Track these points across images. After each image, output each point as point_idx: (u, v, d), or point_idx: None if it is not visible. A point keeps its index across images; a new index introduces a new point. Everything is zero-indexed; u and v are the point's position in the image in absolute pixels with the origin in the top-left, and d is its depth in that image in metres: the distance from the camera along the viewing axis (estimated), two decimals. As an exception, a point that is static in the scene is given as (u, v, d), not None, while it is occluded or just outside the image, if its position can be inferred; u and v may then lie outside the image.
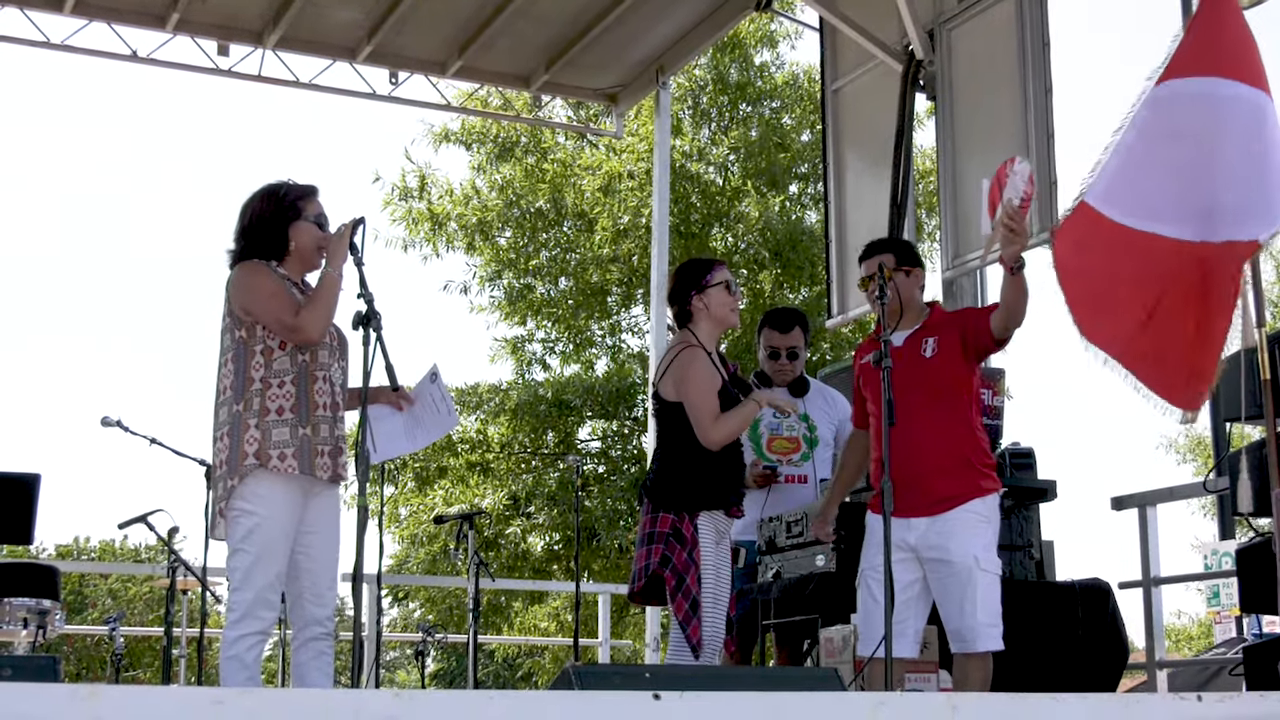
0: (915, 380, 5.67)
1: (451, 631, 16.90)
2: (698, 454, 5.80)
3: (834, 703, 3.80)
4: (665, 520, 5.74)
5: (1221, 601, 15.46)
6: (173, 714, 2.94)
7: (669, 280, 6.23)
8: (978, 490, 5.68)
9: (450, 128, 21.01)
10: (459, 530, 8.68)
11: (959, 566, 5.58)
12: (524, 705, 3.34)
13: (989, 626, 5.56)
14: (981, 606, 5.55)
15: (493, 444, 20.77)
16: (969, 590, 5.56)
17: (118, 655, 8.89)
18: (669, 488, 5.81)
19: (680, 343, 5.95)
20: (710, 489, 5.81)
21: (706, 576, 5.74)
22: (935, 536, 5.61)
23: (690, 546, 5.70)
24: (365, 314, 5.01)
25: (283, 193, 5.40)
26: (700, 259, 6.28)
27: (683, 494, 5.78)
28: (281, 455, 5.13)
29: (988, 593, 5.58)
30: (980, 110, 9.30)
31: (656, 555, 5.70)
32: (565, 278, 21.33)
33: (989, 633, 5.56)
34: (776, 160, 21.02)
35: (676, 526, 5.72)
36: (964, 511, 5.63)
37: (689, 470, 5.80)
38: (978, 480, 5.70)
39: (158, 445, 8.25)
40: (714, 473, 5.82)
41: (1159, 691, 7.53)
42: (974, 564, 5.56)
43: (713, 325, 5.98)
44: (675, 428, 5.88)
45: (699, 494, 5.79)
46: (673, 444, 5.89)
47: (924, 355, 5.79)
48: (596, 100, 12.93)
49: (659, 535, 5.73)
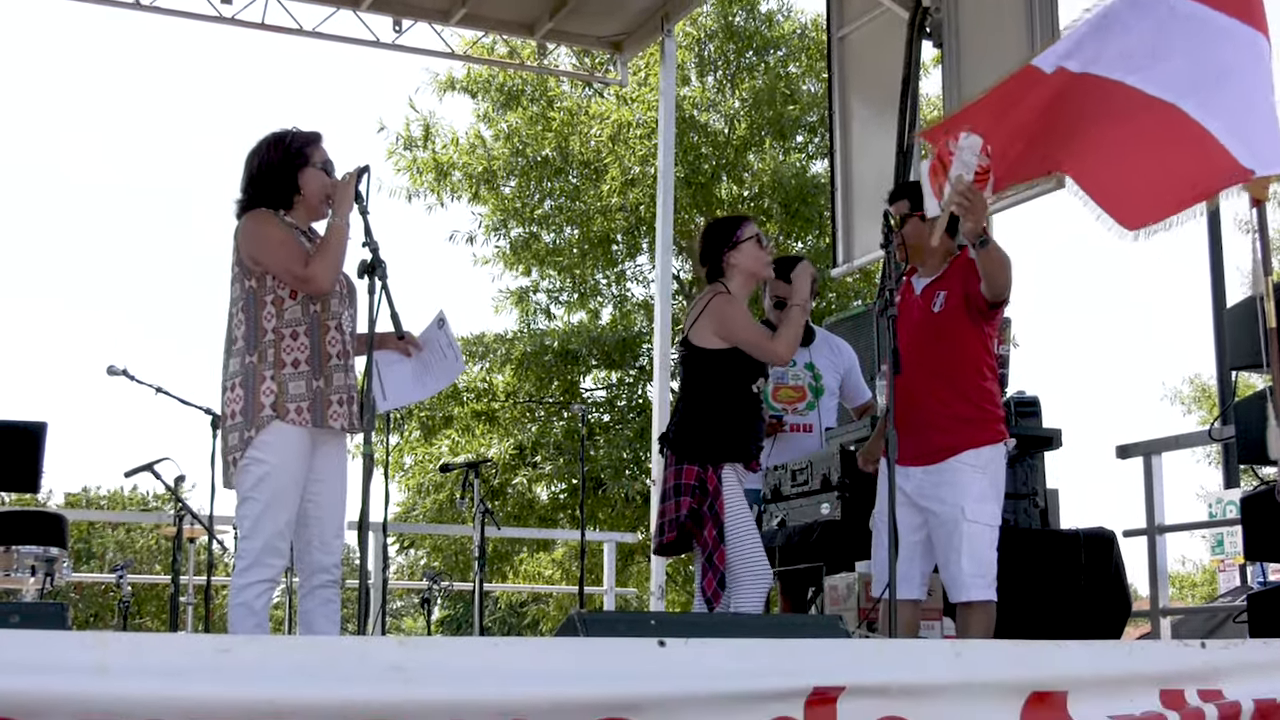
0: (925, 331, 5.67)
1: (457, 579, 16.99)
2: (721, 405, 5.81)
3: (838, 649, 3.82)
4: (690, 472, 5.74)
5: (1226, 550, 15.52)
6: (180, 661, 2.95)
7: (698, 243, 6.20)
8: (972, 441, 5.68)
9: (455, 75, 20.92)
10: (465, 479, 8.70)
11: (946, 517, 5.61)
12: (530, 651, 3.35)
13: (975, 577, 5.57)
14: (967, 557, 5.56)
15: (498, 393, 20.79)
16: (954, 540, 5.59)
17: (125, 603, 8.94)
18: (692, 439, 5.80)
19: (710, 292, 5.94)
20: (733, 441, 5.81)
21: (746, 523, 5.76)
22: (929, 487, 5.65)
23: (713, 498, 5.70)
24: (370, 263, 5.01)
25: (289, 140, 5.38)
26: (727, 217, 6.29)
27: (707, 445, 5.77)
28: (299, 409, 5.14)
29: (975, 544, 5.58)
30: (987, 57, 9.24)
31: (685, 508, 5.71)
32: (570, 227, 21.27)
33: (975, 583, 5.57)
34: (784, 112, 20.94)
35: (701, 478, 5.72)
36: (957, 462, 5.65)
37: (712, 421, 5.80)
38: (974, 432, 5.70)
39: (163, 394, 8.26)
40: (737, 424, 5.83)
41: (1163, 639, 7.56)
42: (960, 515, 5.57)
43: (745, 279, 5.99)
44: (702, 376, 5.87)
45: (722, 445, 5.78)
46: (697, 394, 5.88)
47: (934, 310, 5.78)
48: (601, 48, 12.85)
49: (685, 487, 5.73)
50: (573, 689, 3.27)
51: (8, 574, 7.89)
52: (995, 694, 3.88)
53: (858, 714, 3.61)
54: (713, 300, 5.89)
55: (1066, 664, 4.04)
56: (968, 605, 5.60)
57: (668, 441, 5.92)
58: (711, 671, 3.45)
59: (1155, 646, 5.46)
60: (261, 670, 2.99)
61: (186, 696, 2.91)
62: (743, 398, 5.85)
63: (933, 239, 5.68)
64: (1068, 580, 6.87)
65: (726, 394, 5.82)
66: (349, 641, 3.37)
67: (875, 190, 9.81)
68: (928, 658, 3.91)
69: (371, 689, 3.06)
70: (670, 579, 19.47)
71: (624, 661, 3.39)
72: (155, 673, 2.90)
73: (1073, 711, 3.97)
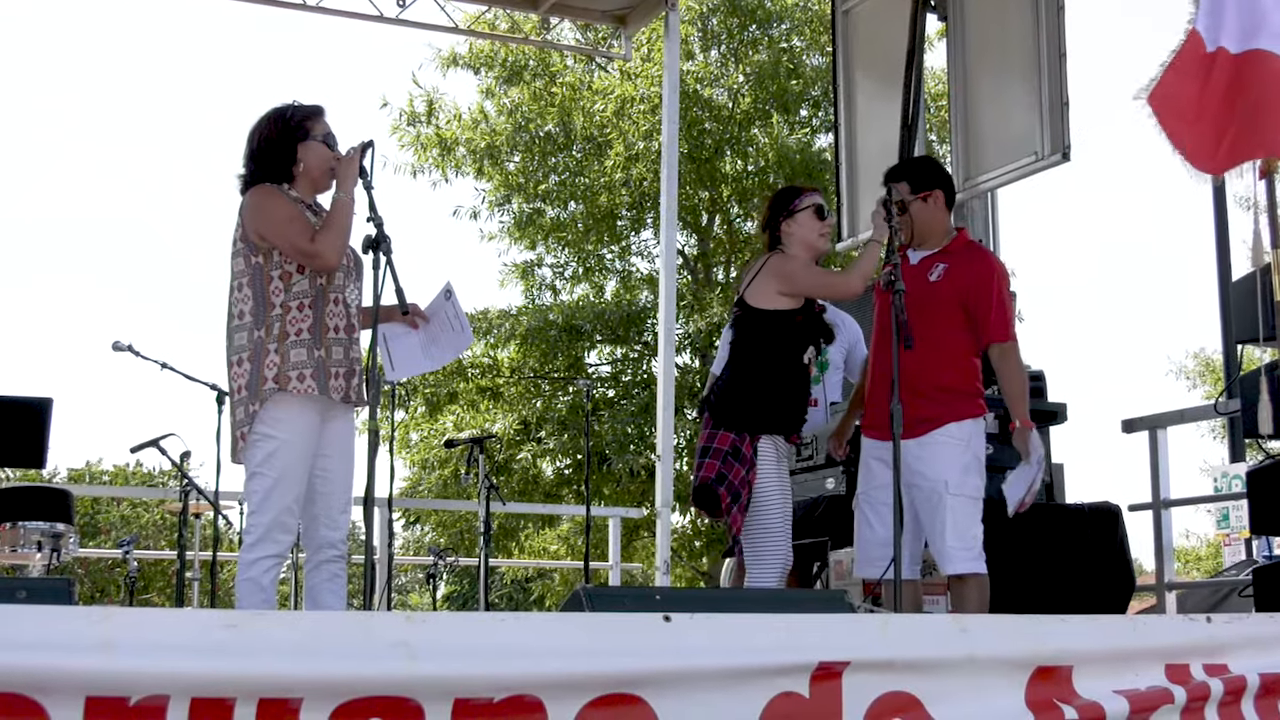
0: (917, 300, 5.65)
1: (462, 555, 17.02)
2: (766, 373, 5.74)
3: (843, 624, 3.82)
4: (725, 438, 5.69)
5: (1231, 524, 15.51)
6: (187, 636, 2.96)
7: (763, 210, 6.16)
8: (955, 413, 5.68)
9: (458, 51, 20.88)
10: (470, 454, 8.71)
11: (929, 490, 5.62)
12: (536, 627, 3.36)
13: (959, 550, 5.57)
14: (951, 530, 5.56)
15: (503, 369, 20.80)
16: (939, 513, 5.59)
17: (131, 578, 8.95)
18: (732, 406, 5.75)
19: (767, 255, 5.90)
20: (773, 411, 5.75)
21: (776, 499, 5.71)
22: (913, 460, 5.61)
23: (748, 466, 5.66)
24: (375, 238, 5.01)
25: (289, 114, 5.37)
26: (789, 187, 6.21)
27: (746, 414, 5.72)
28: (300, 376, 5.14)
29: (958, 516, 5.58)
30: (992, 30, 9.19)
31: (711, 471, 5.67)
32: (575, 202, 21.26)
33: (959, 556, 5.57)
34: (788, 87, 20.88)
35: (736, 445, 5.68)
36: (940, 434, 5.65)
37: (755, 389, 5.74)
38: (957, 404, 5.70)
39: (169, 370, 8.27)
40: (781, 394, 5.76)
41: (1168, 613, 7.57)
42: (944, 488, 5.58)
43: (802, 250, 5.89)
44: (754, 338, 5.79)
45: (762, 416, 5.73)
46: (746, 359, 5.81)
47: (929, 279, 5.77)
48: (605, 22, 12.78)
49: (715, 451, 5.69)
50: (578, 664, 3.28)
51: (14, 550, 7.91)
52: (1000, 668, 3.89)
53: (862, 689, 3.62)
54: (770, 259, 5.84)
55: (1071, 638, 4.05)
56: (959, 579, 5.62)
57: (709, 405, 5.86)
58: (716, 646, 3.46)
59: (1160, 621, 5.48)
60: (268, 646, 3.00)
61: (193, 671, 2.92)
62: (791, 366, 5.78)
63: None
64: (1073, 555, 6.87)
65: (776, 360, 5.75)
66: (355, 617, 3.38)
67: (880, 165, 9.74)
68: (932, 633, 3.91)
69: (378, 664, 3.07)
70: (676, 554, 19.52)
71: (629, 637, 3.40)
72: (161, 648, 2.91)
73: (1078, 686, 3.98)
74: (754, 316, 5.81)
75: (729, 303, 20.01)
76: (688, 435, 19.62)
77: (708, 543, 20.55)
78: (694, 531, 20.75)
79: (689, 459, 19.97)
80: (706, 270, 22.07)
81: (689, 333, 20.29)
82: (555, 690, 3.23)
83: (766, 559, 5.68)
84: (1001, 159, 8.62)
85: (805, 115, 21.66)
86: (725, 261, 22.09)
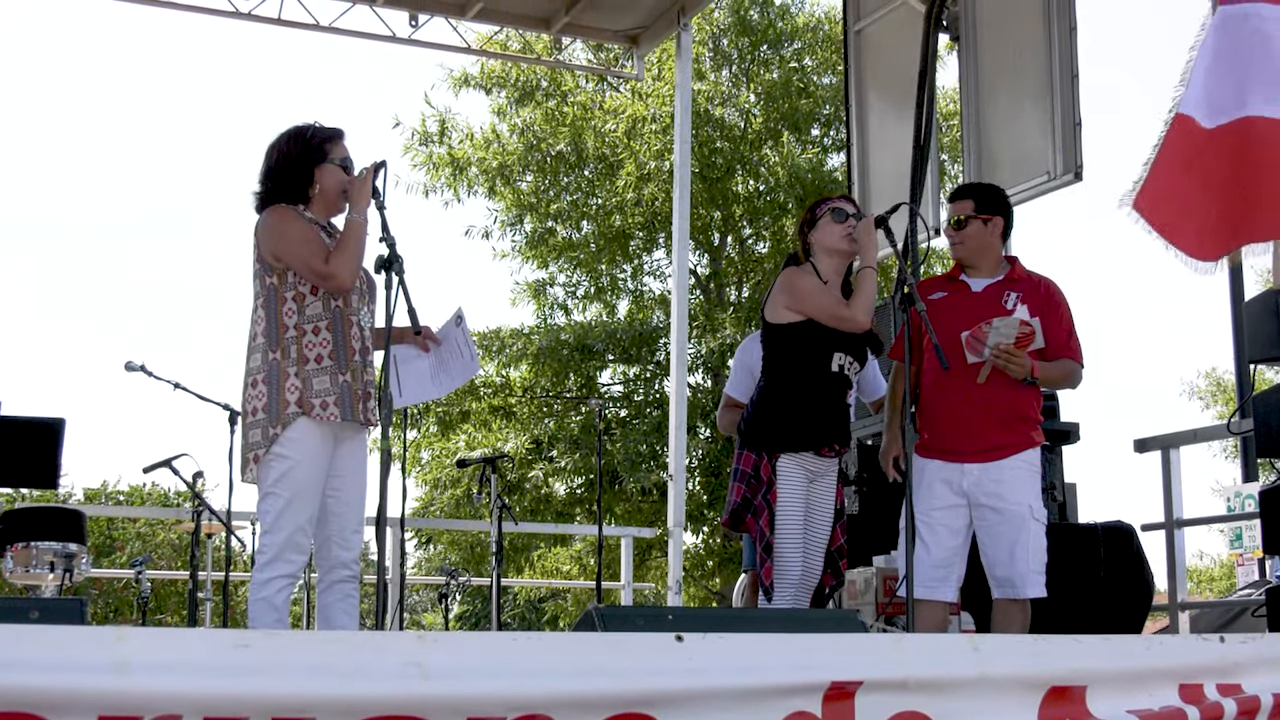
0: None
1: (475, 575, 17.00)
2: (791, 390, 5.70)
3: (856, 644, 3.81)
4: (747, 459, 5.70)
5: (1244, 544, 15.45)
6: (200, 656, 2.96)
7: (795, 228, 6.16)
8: (1029, 441, 5.74)
9: (470, 72, 20.94)
10: (482, 474, 8.71)
11: (1012, 514, 5.64)
12: (548, 647, 3.35)
13: (1037, 574, 5.63)
14: (1032, 554, 5.62)
15: (515, 388, 20.82)
16: (1021, 537, 5.62)
17: (144, 598, 8.96)
18: (755, 426, 5.74)
19: (782, 269, 5.92)
20: (794, 430, 5.66)
21: (788, 519, 5.63)
22: (990, 484, 5.65)
23: (765, 489, 5.63)
24: (388, 258, 5.02)
25: (309, 135, 5.37)
26: (822, 198, 6.19)
27: (765, 433, 5.68)
28: (324, 404, 5.14)
29: (1038, 541, 5.65)
30: (1004, 50, 9.21)
31: (738, 495, 5.69)
32: (587, 221, 21.29)
33: (1036, 580, 5.64)
34: (799, 106, 20.91)
35: (756, 466, 5.67)
36: (1018, 460, 5.69)
37: (779, 408, 5.69)
38: (1029, 431, 5.76)
39: (181, 390, 8.28)
40: (806, 408, 5.68)
41: (1182, 633, 7.54)
42: (1028, 513, 5.64)
43: (828, 256, 5.83)
44: (777, 354, 5.77)
45: (781, 434, 5.66)
46: (773, 375, 5.78)
47: (1005, 307, 5.77)
48: (617, 42, 12.84)
49: (741, 474, 5.72)
50: (591, 684, 3.28)
51: (27, 570, 7.92)
52: (1014, 689, 3.87)
53: (876, 709, 3.61)
54: (783, 273, 5.85)
55: (1085, 658, 4.04)
56: (1014, 602, 5.65)
57: (740, 424, 5.85)
58: (729, 666, 3.45)
59: (1174, 641, 5.45)
60: (281, 666, 3.00)
61: (206, 691, 2.92)
62: (815, 378, 5.70)
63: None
64: (1087, 573, 6.86)
65: (801, 373, 5.69)
66: (368, 637, 3.38)
67: (892, 184, 9.79)
68: (946, 652, 3.90)
69: (391, 684, 3.07)
70: (688, 574, 19.49)
71: (642, 657, 3.40)
72: (175, 668, 2.91)
73: (1092, 706, 3.96)
74: (771, 332, 5.81)
75: (741, 322, 20.04)
76: (700, 455, 19.62)
77: (720, 562, 20.52)
78: (706, 551, 20.72)
79: (701, 479, 19.99)
80: (719, 290, 22.08)
81: (701, 352, 20.31)
82: (568, 710, 3.23)
83: (781, 579, 5.66)
84: (1014, 179, 8.62)
85: (817, 135, 21.70)
86: (737, 281, 22.11)
